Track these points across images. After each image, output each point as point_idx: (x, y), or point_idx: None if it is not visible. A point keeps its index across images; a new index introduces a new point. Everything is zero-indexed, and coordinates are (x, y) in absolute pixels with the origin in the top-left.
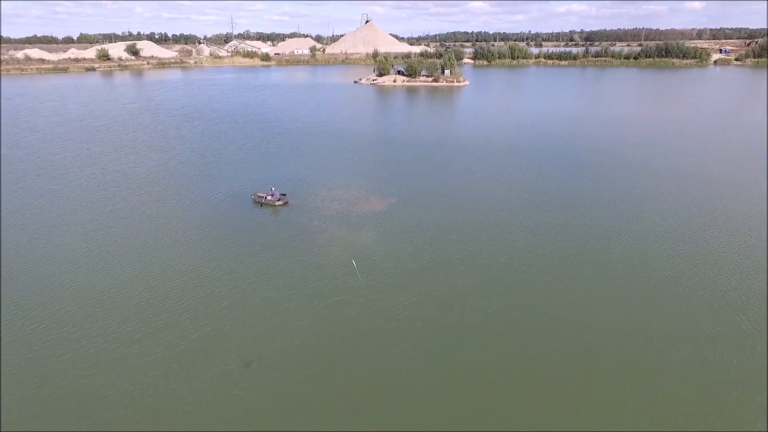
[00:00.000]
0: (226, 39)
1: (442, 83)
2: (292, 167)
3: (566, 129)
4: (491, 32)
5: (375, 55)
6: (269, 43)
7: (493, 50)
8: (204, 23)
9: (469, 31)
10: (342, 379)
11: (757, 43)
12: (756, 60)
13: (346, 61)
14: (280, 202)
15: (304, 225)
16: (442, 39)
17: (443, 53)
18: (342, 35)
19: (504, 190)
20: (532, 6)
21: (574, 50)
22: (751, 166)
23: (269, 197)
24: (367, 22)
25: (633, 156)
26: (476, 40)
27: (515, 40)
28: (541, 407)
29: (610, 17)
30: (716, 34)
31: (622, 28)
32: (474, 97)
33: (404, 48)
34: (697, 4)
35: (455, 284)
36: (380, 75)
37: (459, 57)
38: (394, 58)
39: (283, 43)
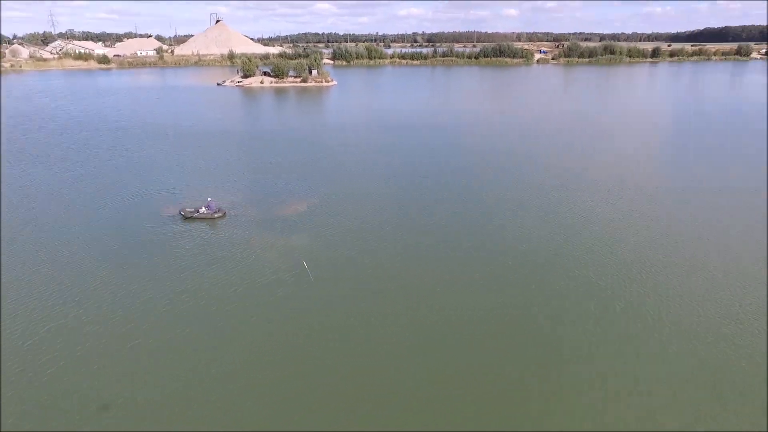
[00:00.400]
0: (45, 39)
1: (311, 83)
2: (189, 175)
3: (438, 121)
4: (341, 33)
5: (231, 56)
6: (101, 43)
7: (351, 50)
8: (11, 20)
9: (320, 32)
10: (317, 378)
11: (564, 45)
12: (567, 59)
13: (200, 63)
14: (219, 214)
15: (237, 234)
16: (294, 40)
17: (309, 54)
18: (189, 36)
19: (394, 186)
20: (376, 9)
21: (424, 51)
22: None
23: (203, 210)
24: (217, 21)
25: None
26: (328, 41)
27: (365, 41)
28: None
29: (445, 20)
30: (531, 37)
31: (457, 30)
32: (346, 96)
33: (260, 49)
34: (513, 11)
35: (398, 275)
36: (245, 76)
37: (321, 57)
38: (249, 59)
39: (121, 44)
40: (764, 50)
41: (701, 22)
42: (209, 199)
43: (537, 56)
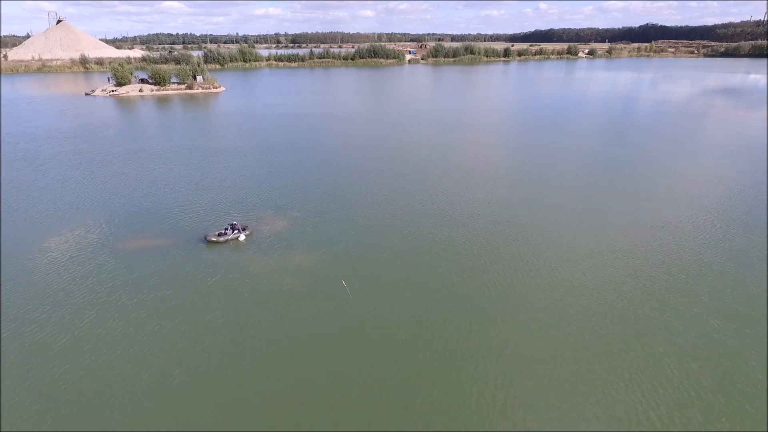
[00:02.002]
0: None
1: (197, 90)
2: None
3: (347, 124)
4: (198, 34)
5: (84, 61)
6: None
7: (224, 53)
8: None
9: (173, 32)
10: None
11: (427, 46)
12: (434, 59)
13: (45, 69)
14: (248, 232)
15: (257, 256)
16: (145, 41)
17: (181, 58)
18: (13, 36)
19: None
20: (230, 8)
21: (301, 52)
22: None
23: (230, 232)
24: (59, 21)
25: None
26: (185, 43)
27: (225, 43)
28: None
29: (303, 21)
30: (391, 38)
31: (318, 31)
32: (238, 102)
33: (116, 52)
34: (369, 12)
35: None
36: (119, 84)
37: (189, 61)
38: (110, 63)
39: None
40: (587, 50)
41: (528, 24)
42: (234, 221)
43: (408, 57)
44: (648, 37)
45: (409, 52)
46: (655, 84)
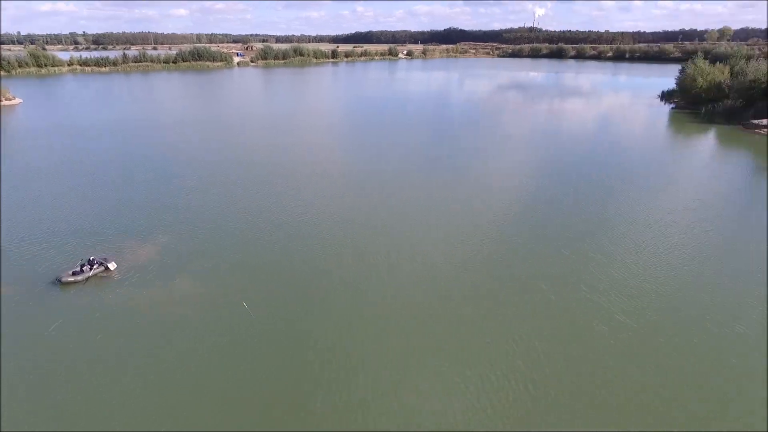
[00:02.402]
0: None
1: None
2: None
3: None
4: None
5: None
6: None
7: (10, 57)
8: None
9: None
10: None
11: (253, 48)
12: (264, 61)
13: None
14: (113, 265)
15: (132, 291)
16: None
17: None
18: None
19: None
20: (7, 2)
21: (111, 55)
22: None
23: (88, 268)
24: None
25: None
26: None
27: (3, 43)
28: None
29: (104, 19)
30: (211, 38)
31: (123, 31)
32: (45, 115)
33: None
34: (182, 11)
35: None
36: None
37: None
38: None
39: None
40: (405, 51)
41: (347, 26)
42: (90, 257)
43: (236, 59)
44: (452, 39)
45: (237, 54)
46: (463, 82)
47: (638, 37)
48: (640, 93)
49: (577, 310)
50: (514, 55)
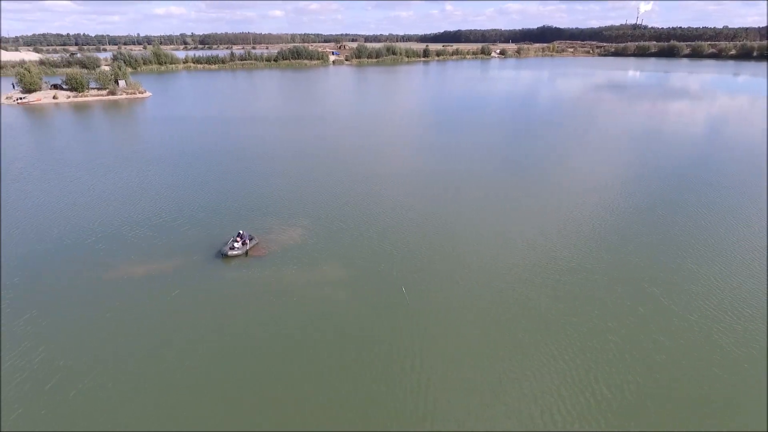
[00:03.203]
0: None
1: (121, 96)
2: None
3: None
4: (92, 34)
5: None
6: None
7: (137, 56)
8: None
9: (62, 32)
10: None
11: (346, 46)
12: (358, 60)
13: None
14: (256, 241)
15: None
16: (30, 42)
17: (86, 60)
18: None
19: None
20: (127, 7)
21: (221, 53)
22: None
23: (239, 243)
24: None
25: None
26: (77, 43)
27: (125, 44)
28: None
29: (209, 21)
30: (304, 38)
31: (225, 32)
32: (172, 107)
33: (6, 55)
34: (278, 12)
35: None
36: (27, 91)
37: (96, 64)
38: (1, 68)
39: None
40: (499, 50)
41: (436, 25)
42: (240, 231)
43: (332, 58)
44: (545, 37)
45: (332, 53)
46: (569, 82)
47: (767, 32)
48: None
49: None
50: (618, 54)
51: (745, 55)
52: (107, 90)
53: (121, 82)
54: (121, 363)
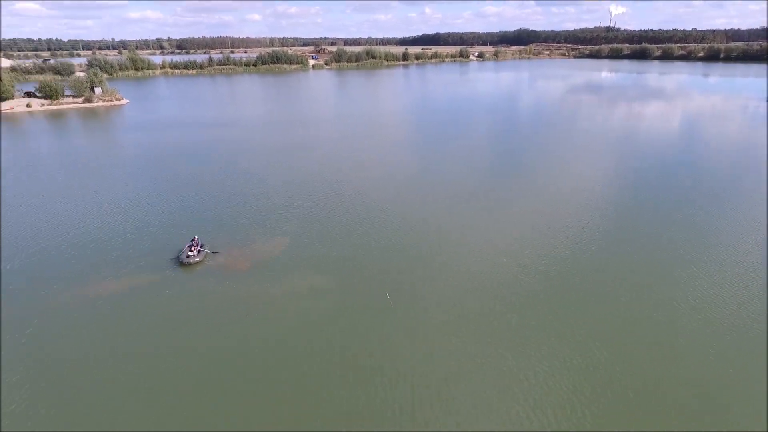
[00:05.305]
0: None
1: (97, 104)
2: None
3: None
4: (65, 39)
5: None
6: None
7: (113, 62)
8: None
9: (34, 38)
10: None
11: (325, 50)
12: (338, 64)
13: None
14: (206, 250)
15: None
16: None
17: (60, 66)
18: None
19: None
20: (101, 11)
21: (198, 58)
22: None
23: (193, 250)
24: None
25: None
26: (49, 49)
27: (100, 49)
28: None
29: (185, 25)
30: (283, 42)
31: (203, 36)
32: (152, 114)
33: None
34: (257, 16)
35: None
36: (0, 99)
37: (71, 71)
38: None
39: None
40: (477, 53)
41: (415, 28)
42: (195, 237)
43: (311, 62)
44: (522, 40)
45: (312, 57)
46: (549, 83)
47: (733, 35)
48: (742, 94)
49: (643, 322)
50: (592, 56)
51: (712, 57)
52: (83, 97)
53: (98, 89)
54: (105, 373)
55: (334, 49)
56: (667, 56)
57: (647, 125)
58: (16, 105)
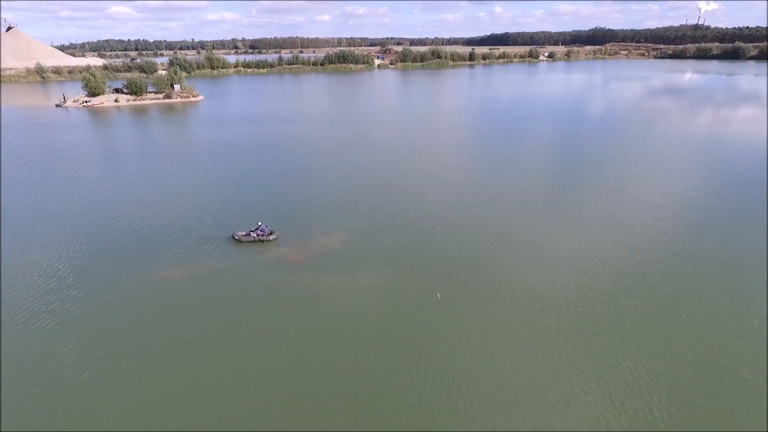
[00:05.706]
0: None
1: (176, 99)
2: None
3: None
4: (151, 40)
5: (40, 70)
6: None
7: (191, 61)
8: None
9: (124, 38)
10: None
11: (391, 50)
12: (403, 64)
13: None
14: (273, 236)
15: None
16: (95, 48)
17: (145, 65)
18: None
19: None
20: (184, 13)
21: (269, 58)
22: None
23: (255, 233)
24: (9, 28)
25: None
26: (137, 49)
27: (181, 49)
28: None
29: (259, 26)
30: (351, 42)
31: (274, 36)
32: (224, 109)
33: (76, 60)
34: (326, 17)
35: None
36: (93, 95)
37: (154, 69)
38: (69, 73)
39: None
40: (547, 53)
41: (482, 28)
42: (259, 222)
43: (377, 62)
44: (597, 40)
45: (378, 57)
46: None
47: None
48: None
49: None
50: (676, 56)
51: None
52: (163, 93)
53: (177, 86)
54: (149, 359)
55: (399, 49)
56: (764, 55)
57: (736, 131)
58: (105, 100)
